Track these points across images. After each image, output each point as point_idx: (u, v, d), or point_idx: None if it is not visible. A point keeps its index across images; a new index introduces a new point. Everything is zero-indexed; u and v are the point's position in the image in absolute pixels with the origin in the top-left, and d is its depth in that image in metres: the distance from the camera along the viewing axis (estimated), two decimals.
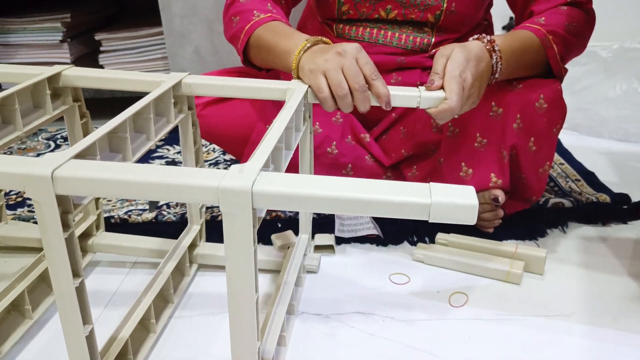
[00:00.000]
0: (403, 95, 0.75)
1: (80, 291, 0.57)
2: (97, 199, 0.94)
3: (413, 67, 1.03)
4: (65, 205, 0.53)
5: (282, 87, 0.75)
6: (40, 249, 0.92)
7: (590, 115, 1.44)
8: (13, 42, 1.62)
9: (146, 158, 1.38)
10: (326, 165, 1.03)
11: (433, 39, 1.01)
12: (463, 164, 0.96)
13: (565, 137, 1.41)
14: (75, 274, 0.56)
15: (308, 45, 0.81)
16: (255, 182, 0.49)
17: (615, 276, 0.89)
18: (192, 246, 0.89)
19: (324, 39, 0.84)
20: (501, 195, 0.93)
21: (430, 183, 0.49)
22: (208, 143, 1.44)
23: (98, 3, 1.83)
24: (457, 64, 0.77)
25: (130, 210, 1.10)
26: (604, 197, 1.08)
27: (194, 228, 0.90)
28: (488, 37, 0.84)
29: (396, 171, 1.06)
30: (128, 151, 0.64)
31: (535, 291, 0.86)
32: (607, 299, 0.84)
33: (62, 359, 0.74)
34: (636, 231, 1.02)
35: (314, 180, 0.49)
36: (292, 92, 0.73)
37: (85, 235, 0.92)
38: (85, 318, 0.58)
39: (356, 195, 0.47)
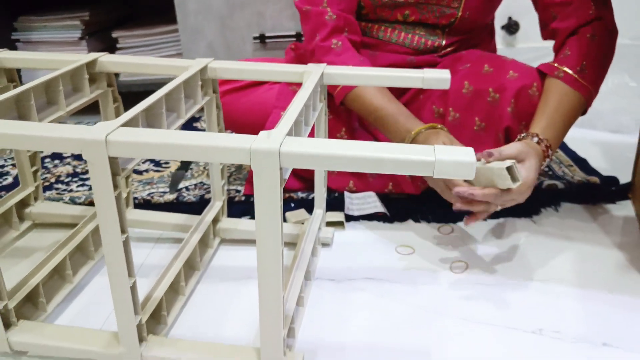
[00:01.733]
0: (409, 77, 0.83)
1: (126, 245, 0.64)
2: (126, 178, 1.01)
3: (422, 65, 1.11)
4: (115, 168, 0.61)
5: (300, 71, 0.82)
6: (71, 225, 1.00)
7: None
8: (34, 39, 1.70)
9: None
10: None
11: (444, 42, 1.08)
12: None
13: None
14: (123, 230, 0.63)
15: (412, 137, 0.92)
16: (282, 144, 0.56)
17: (605, 248, 0.96)
18: (215, 221, 0.97)
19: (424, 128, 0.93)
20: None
21: (435, 145, 0.56)
22: None
23: (115, 1, 1.91)
24: (533, 175, 0.83)
25: (152, 192, 1.17)
26: (594, 180, 1.15)
27: (217, 204, 0.97)
28: (545, 141, 0.89)
29: None
30: (163, 126, 0.72)
31: (530, 260, 0.93)
32: (596, 266, 0.91)
33: (100, 317, 0.82)
34: (625, 210, 1.09)
35: (333, 143, 0.57)
36: (309, 75, 0.80)
37: None
38: (130, 271, 0.66)
39: (370, 154, 0.55)
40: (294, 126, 0.65)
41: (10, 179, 1.29)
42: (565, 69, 0.96)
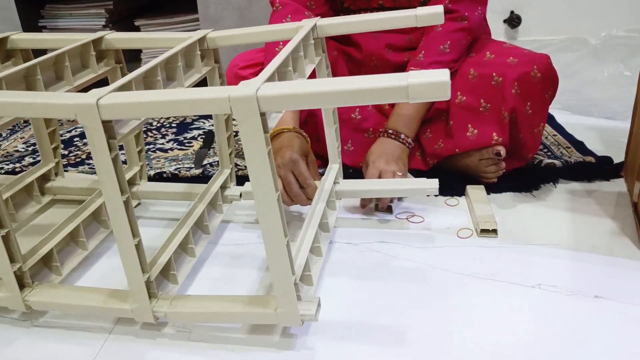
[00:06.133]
0: (401, 17, 0.83)
1: (128, 205, 0.66)
2: (139, 152, 1.05)
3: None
4: (110, 132, 0.63)
5: (293, 27, 0.83)
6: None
7: (581, 96, 1.56)
8: (60, 27, 1.79)
9: (185, 128, 1.51)
10: (350, 129, 1.17)
11: None
12: (470, 125, 1.08)
13: (559, 115, 1.50)
14: (123, 190, 0.65)
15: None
16: (259, 89, 0.58)
17: (598, 218, 0.99)
18: (224, 188, 0.99)
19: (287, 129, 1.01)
20: (502, 150, 1.05)
21: (410, 71, 0.55)
22: None
23: None
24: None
25: (178, 167, 1.24)
26: (590, 159, 1.17)
27: (225, 172, 1.00)
28: (402, 135, 1.04)
29: None
30: None
31: (529, 228, 0.96)
32: (590, 233, 0.94)
33: (116, 284, 0.85)
34: (618, 187, 1.10)
35: (309, 82, 0.58)
36: (301, 28, 0.81)
37: (130, 183, 1.03)
38: (134, 230, 0.68)
39: (344, 88, 0.55)
40: (278, 75, 0.66)
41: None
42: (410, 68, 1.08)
